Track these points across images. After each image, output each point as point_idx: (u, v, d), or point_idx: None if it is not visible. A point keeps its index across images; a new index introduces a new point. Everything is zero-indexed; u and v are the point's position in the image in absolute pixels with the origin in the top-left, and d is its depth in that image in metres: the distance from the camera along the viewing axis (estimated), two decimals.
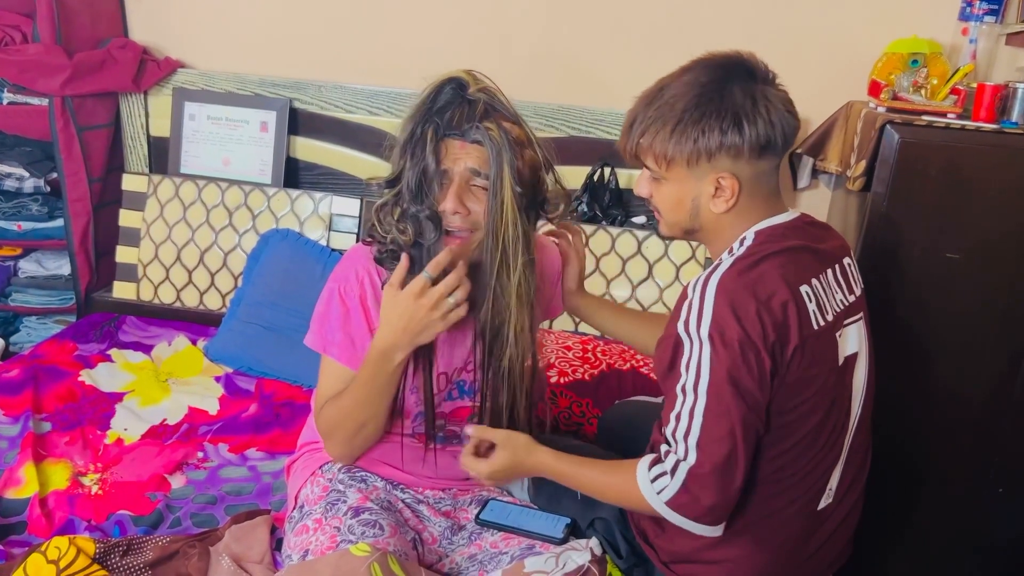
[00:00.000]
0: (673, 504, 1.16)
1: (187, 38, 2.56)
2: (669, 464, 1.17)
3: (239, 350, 2.17)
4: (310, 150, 2.50)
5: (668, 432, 1.18)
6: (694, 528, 1.17)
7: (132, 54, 2.43)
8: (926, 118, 1.80)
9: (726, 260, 1.19)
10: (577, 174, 2.34)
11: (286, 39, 2.52)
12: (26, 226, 2.48)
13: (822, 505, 1.27)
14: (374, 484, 1.44)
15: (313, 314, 1.40)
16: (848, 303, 1.27)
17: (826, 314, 1.21)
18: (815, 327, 1.18)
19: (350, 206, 2.39)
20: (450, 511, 1.47)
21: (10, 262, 2.54)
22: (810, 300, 1.18)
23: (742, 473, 1.15)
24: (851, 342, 1.27)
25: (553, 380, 1.99)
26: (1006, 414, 1.84)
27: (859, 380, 1.29)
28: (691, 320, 1.14)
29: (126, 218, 2.47)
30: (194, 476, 1.71)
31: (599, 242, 2.27)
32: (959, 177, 1.74)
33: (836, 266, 1.27)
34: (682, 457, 1.16)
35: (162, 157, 2.55)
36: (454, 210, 1.25)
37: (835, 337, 1.23)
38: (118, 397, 1.99)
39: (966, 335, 1.81)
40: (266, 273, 2.27)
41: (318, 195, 2.40)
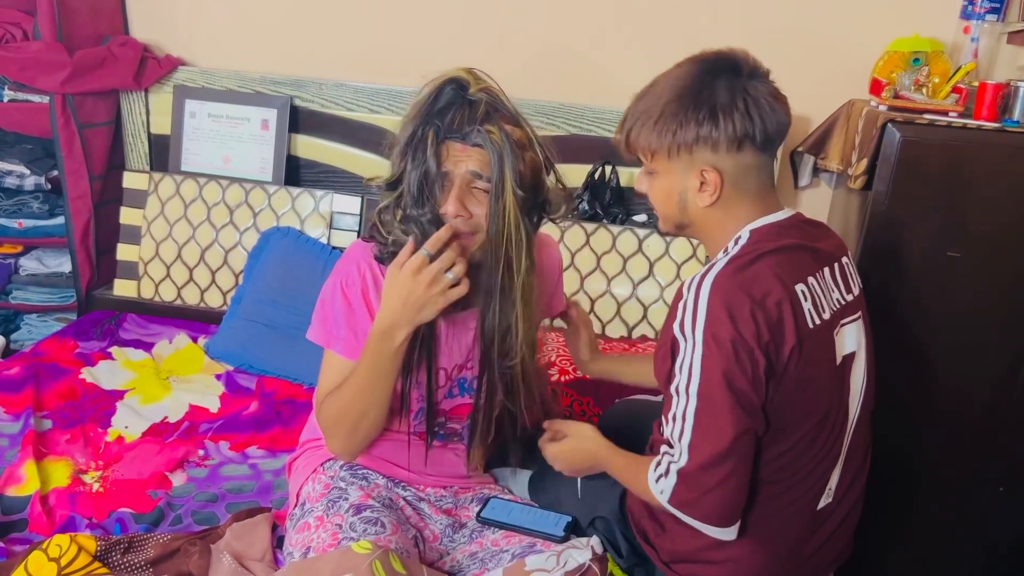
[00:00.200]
0: (675, 504, 1.17)
1: (188, 35, 2.56)
2: (664, 465, 1.18)
3: (240, 348, 2.17)
4: (311, 148, 2.50)
5: (667, 433, 1.19)
6: (704, 529, 1.18)
7: (133, 52, 2.43)
8: (927, 117, 1.81)
9: (721, 259, 1.19)
10: (578, 172, 2.33)
11: (287, 37, 2.52)
12: (27, 224, 2.48)
13: (822, 505, 1.27)
14: (375, 482, 1.44)
15: (315, 309, 1.40)
16: (845, 302, 1.27)
17: (822, 313, 1.21)
18: (811, 326, 1.18)
19: (351, 204, 2.39)
20: (451, 509, 1.47)
21: (11, 260, 2.54)
22: (805, 299, 1.18)
23: (739, 473, 1.15)
24: (849, 341, 1.27)
25: (554, 378, 1.99)
26: (1007, 412, 1.84)
27: (857, 380, 1.29)
28: (686, 320, 1.15)
29: (127, 216, 2.47)
30: (195, 474, 1.72)
31: (600, 240, 2.26)
32: (960, 176, 1.74)
33: (834, 265, 1.27)
34: (675, 458, 1.17)
35: (163, 155, 2.55)
36: (455, 213, 1.25)
37: (832, 336, 1.23)
38: (119, 395, 1.99)
39: (967, 334, 1.81)
40: (267, 271, 2.27)
41: (319, 193, 2.40)
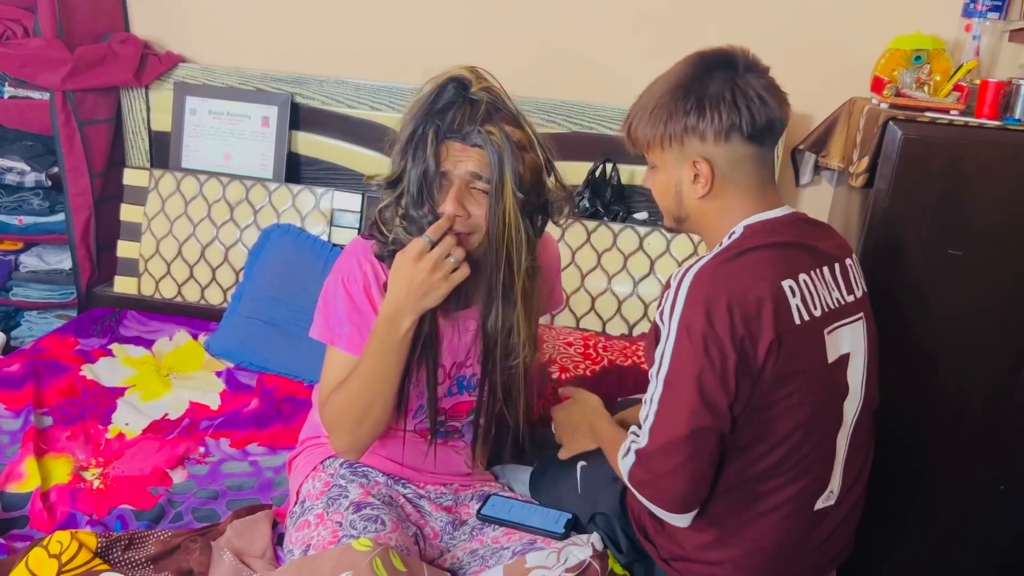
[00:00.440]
0: (632, 483, 1.22)
1: (188, 32, 2.56)
2: (627, 444, 1.23)
3: (240, 345, 2.17)
4: (312, 145, 2.50)
5: (640, 414, 1.22)
6: (657, 512, 1.21)
7: (133, 48, 2.43)
8: (929, 115, 1.80)
9: (711, 253, 1.21)
10: (579, 170, 2.33)
11: (288, 34, 2.51)
12: (27, 220, 2.48)
13: (823, 505, 1.27)
14: (375, 479, 1.44)
15: (317, 306, 1.40)
16: (845, 302, 1.26)
17: (813, 310, 1.20)
18: (797, 322, 1.18)
19: (352, 201, 2.39)
20: (451, 506, 1.47)
21: (11, 256, 2.54)
22: (794, 294, 1.18)
23: (695, 466, 1.16)
24: (845, 342, 1.26)
25: (554, 376, 1.99)
26: (1007, 412, 1.84)
27: (855, 380, 1.28)
28: (665, 309, 1.18)
29: (127, 213, 2.47)
30: (195, 471, 1.72)
31: (601, 238, 2.26)
32: (962, 174, 1.73)
33: (835, 265, 1.27)
34: (638, 439, 1.21)
35: (163, 152, 2.55)
36: (454, 213, 1.25)
37: (822, 334, 1.22)
38: (119, 392, 1.99)
39: (968, 332, 1.81)
40: (267, 268, 2.26)
41: (319, 190, 2.40)
